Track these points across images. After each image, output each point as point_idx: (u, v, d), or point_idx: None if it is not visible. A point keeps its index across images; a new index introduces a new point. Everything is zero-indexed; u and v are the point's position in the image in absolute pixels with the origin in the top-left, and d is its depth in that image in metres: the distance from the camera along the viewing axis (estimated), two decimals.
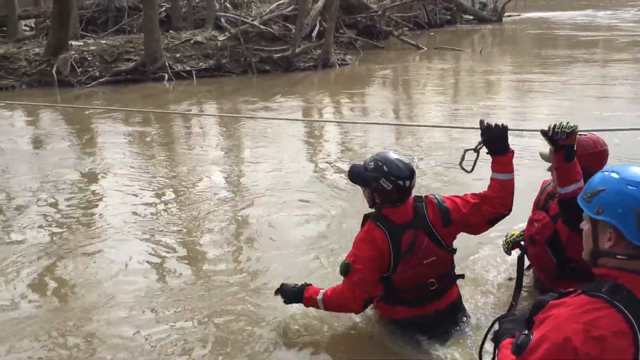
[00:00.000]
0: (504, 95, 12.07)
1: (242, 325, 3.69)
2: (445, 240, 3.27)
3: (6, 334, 3.64)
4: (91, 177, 6.97)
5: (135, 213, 5.61)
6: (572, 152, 2.91)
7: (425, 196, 3.34)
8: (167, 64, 13.91)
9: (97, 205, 5.99)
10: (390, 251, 3.17)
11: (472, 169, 3.23)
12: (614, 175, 1.74)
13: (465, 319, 3.45)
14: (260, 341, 3.53)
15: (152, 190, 6.40)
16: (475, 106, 10.58)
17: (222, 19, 17.40)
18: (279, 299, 3.52)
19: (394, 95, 12.83)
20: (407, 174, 3.17)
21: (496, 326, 2.17)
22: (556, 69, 14.41)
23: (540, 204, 3.48)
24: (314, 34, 16.93)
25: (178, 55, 14.64)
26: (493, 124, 3.12)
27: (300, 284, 3.47)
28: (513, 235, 3.74)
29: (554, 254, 3.36)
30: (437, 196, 3.34)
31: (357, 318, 3.60)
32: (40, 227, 5.34)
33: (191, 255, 4.78)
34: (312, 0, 17.94)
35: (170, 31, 16.70)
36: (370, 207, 3.35)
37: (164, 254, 4.77)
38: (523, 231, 3.64)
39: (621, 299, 1.67)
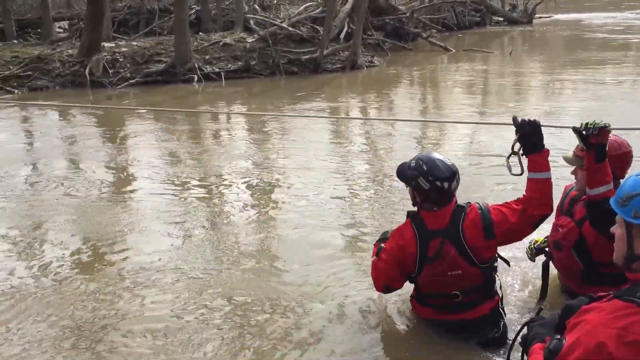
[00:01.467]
0: (534, 97, 11.93)
1: (267, 317, 3.73)
2: (479, 254, 3.15)
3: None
4: (122, 174, 7.13)
5: (165, 204, 5.72)
6: (603, 151, 2.87)
7: (469, 205, 3.24)
8: (196, 66, 14.09)
9: (126, 198, 6.12)
10: (417, 254, 3.19)
11: (522, 171, 3.12)
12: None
13: (498, 330, 3.31)
14: (295, 342, 3.56)
15: (179, 191, 6.50)
16: (504, 107, 10.51)
17: (251, 21, 17.54)
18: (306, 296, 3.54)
19: (422, 96, 12.80)
20: (447, 175, 3.14)
21: (525, 331, 2.15)
22: (587, 71, 14.20)
23: (564, 209, 3.43)
24: (342, 35, 16.96)
25: (207, 57, 14.81)
26: (526, 119, 3.05)
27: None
28: (537, 242, 3.69)
29: (581, 258, 3.32)
30: (482, 206, 3.22)
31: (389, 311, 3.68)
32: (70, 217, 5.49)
33: (221, 255, 4.84)
34: (341, 2, 17.98)
35: (200, 33, 16.92)
36: (413, 205, 3.36)
37: (192, 249, 4.84)
38: (547, 237, 3.59)
39: None
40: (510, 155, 3.11)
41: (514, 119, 3.09)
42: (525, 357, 2.07)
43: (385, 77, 14.85)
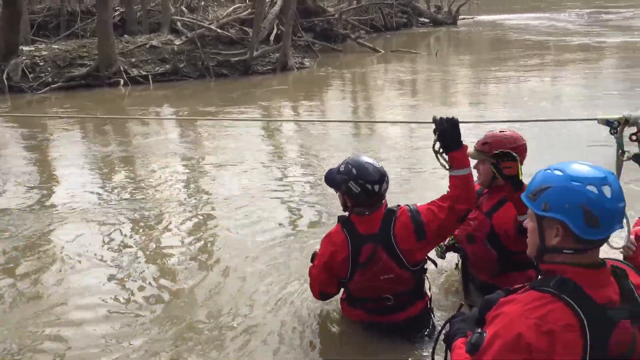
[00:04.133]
0: (460, 94, 12.31)
1: (211, 326, 3.65)
2: (411, 257, 3.17)
3: None
4: (50, 182, 6.79)
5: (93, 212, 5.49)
6: (517, 181, 2.96)
7: (399, 208, 3.25)
8: (122, 69, 13.67)
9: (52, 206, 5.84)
10: (349, 259, 3.18)
11: (451, 166, 3.15)
12: (558, 172, 1.76)
13: (427, 329, 3.37)
14: (229, 342, 3.49)
15: (110, 201, 6.26)
16: (434, 105, 10.78)
17: (178, 23, 17.22)
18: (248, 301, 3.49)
19: (353, 97, 12.93)
20: (376, 178, 3.14)
21: (448, 327, 2.17)
22: (509, 69, 14.78)
23: None
24: (272, 37, 16.92)
25: (133, 59, 14.41)
26: (445, 117, 3.07)
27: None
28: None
29: (494, 248, 3.39)
30: (412, 207, 3.22)
31: (325, 313, 3.65)
32: None
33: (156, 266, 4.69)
34: (269, 4, 17.92)
35: (125, 35, 16.44)
36: (344, 210, 3.34)
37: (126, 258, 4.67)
38: (454, 234, 3.62)
39: (569, 293, 1.69)
40: (436, 154, 3.14)
41: (434, 117, 3.11)
42: (449, 354, 2.08)
43: (316, 78, 14.91)
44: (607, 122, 2.82)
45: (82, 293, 4.14)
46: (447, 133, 3.04)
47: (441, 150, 3.10)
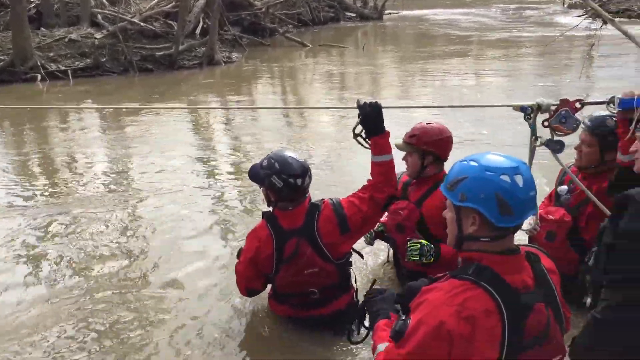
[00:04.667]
0: (388, 87, 12.51)
1: (133, 327, 3.54)
2: (336, 250, 3.18)
3: None
4: None
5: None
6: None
7: (323, 201, 3.25)
8: (39, 64, 13.00)
9: None
10: (273, 254, 3.18)
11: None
12: (473, 163, 1.82)
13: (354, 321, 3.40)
14: (151, 344, 3.39)
15: (28, 197, 5.96)
16: (362, 97, 10.89)
17: (99, 16, 16.52)
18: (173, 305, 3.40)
19: (282, 90, 12.88)
20: (299, 172, 3.13)
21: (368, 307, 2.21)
22: (435, 63, 15.15)
23: (400, 194, 3.54)
24: (198, 31, 16.56)
25: (51, 54, 13.74)
26: (368, 102, 3.10)
27: None
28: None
29: (423, 235, 3.47)
30: (335, 201, 3.23)
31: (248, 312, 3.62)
32: None
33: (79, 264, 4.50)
34: None
35: (42, 28, 15.63)
36: (268, 205, 3.32)
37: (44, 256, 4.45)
38: (383, 222, 3.68)
39: (487, 280, 1.75)
40: (356, 137, 3.16)
41: (358, 102, 3.13)
42: (372, 334, 2.11)
43: (244, 72, 14.74)
44: (522, 109, 2.92)
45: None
46: (370, 117, 3.06)
47: (364, 134, 3.12)
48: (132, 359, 3.28)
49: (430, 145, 3.32)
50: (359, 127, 3.10)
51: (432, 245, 3.31)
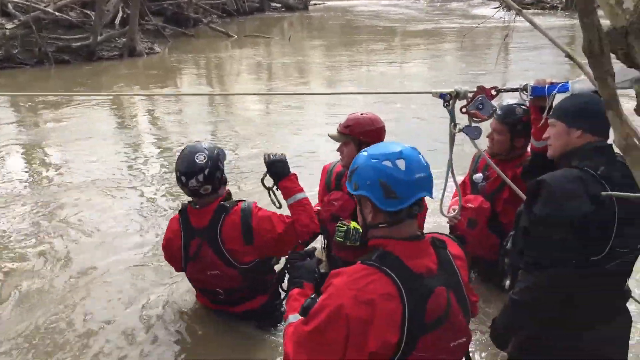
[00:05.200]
0: (314, 77, 12.52)
1: (59, 328, 3.38)
2: (238, 257, 3.10)
3: None
4: None
5: None
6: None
7: (236, 204, 3.16)
8: None
9: None
10: (181, 249, 3.18)
11: (280, 205, 3.25)
12: (364, 153, 1.90)
13: (272, 319, 3.35)
14: (78, 344, 3.26)
15: None
16: (290, 85, 10.89)
17: (9, 5, 15.62)
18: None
19: (209, 82, 12.63)
20: (182, 169, 3.07)
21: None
22: (361, 53, 15.31)
23: (333, 186, 3.56)
24: (117, 21, 15.97)
25: None
26: (276, 157, 3.18)
27: None
28: None
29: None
30: (246, 207, 3.11)
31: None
32: None
33: None
34: None
35: None
36: None
37: None
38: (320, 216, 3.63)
39: (389, 265, 1.80)
40: (269, 190, 3.22)
41: (265, 156, 3.23)
42: (286, 299, 2.17)
43: (168, 63, 14.35)
44: (441, 96, 2.97)
45: None
46: (278, 168, 3.16)
47: (274, 187, 3.21)
48: None
49: (365, 135, 3.32)
50: (269, 180, 3.22)
51: (359, 230, 3.33)
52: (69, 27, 14.76)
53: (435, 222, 4.15)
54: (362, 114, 3.40)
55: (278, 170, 3.16)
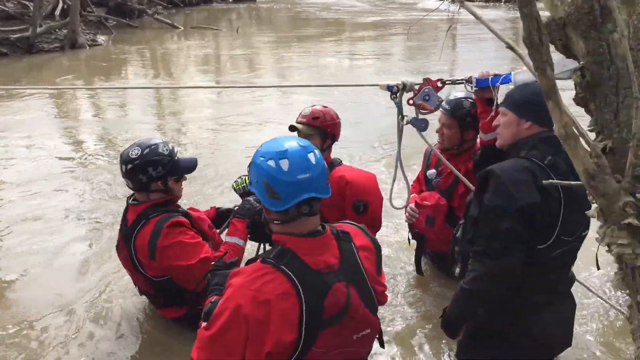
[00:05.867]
0: (264, 69, 12.43)
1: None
2: (145, 269, 2.95)
3: None
4: None
5: None
6: None
7: (159, 214, 2.92)
8: None
9: None
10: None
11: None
12: (259, 149, 1.86)
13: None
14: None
15: None
16: (239, 77, 10.77)
17: None
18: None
19: (155, 74, 12.34)
20: (121, 153, 3.00)
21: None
22: (310, 45, 15.28)
23: None
24: (57, 12, 15.44)
25: None
26: (251, 202, 3.03)
27: None
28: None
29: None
30: (158, 224, 2.86)
31: None
32: None
33: None
34: None
35: None
36: None
37: None
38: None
39: (286, 263, 1.78)
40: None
41: (239, 189, 3.20)
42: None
43: (112, 56, 13.94)
44: (388, 87, 2.98)
45: None
46: (245, 209, 3.03)
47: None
48: None
49: (332, 128, 3.25)
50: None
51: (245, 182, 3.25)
52: (7, 18, 14.20)
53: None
54: (324, 106, 3.32)
55: (244, 211, 3.01)
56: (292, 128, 3.21)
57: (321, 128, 3.20)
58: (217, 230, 3.25)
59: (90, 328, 3.33)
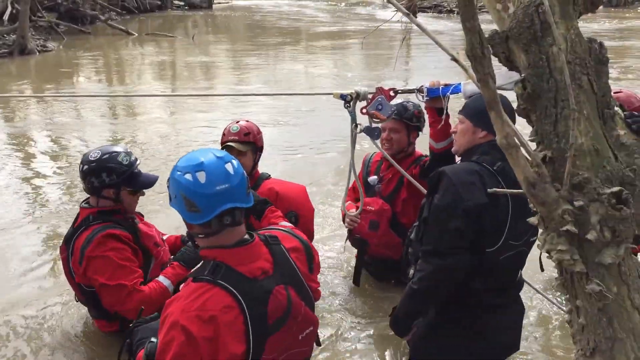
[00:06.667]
0: (220, 77, 12.35)
1: None
2: (76, 275, 2.89)
3: None
4: None
5: None
6: None
7: (96, 224, 2.85)
8: None
9: None
10: None
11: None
12: (177, 163, 1.84)
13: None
14: None
15: None
16: (194, 84, 10.67)
17: None
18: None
19: (109, 81, 12.10)
20: (81, 158, 2.95)
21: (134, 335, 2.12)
22: (267, 53, 15.28)
23: None
24: (6, 17, 15.02)
25: None
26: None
27: None
28: None
29: None
30: (93, 234, 2.79)
31: None
32: None
33: None
34: None
35: None
36: None
37: None
38: None
39: (222, 276, 1.76)
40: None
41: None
42: None
43: (63, 62, 13.62)
44: (341, 97, 3.00)
45: None
46: (187, 256, 2.98)
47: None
48: None
49: (260, 141, 3.29)
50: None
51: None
52: None
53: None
54: (246, 120, 3.33)
55: (187, 260, 2.94)
56: (226, 147, 3.18)
57: (253, 142, 3.22)
58: (166, 249, 3.17)
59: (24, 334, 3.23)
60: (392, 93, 3.05)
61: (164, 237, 3.27)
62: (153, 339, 1.82)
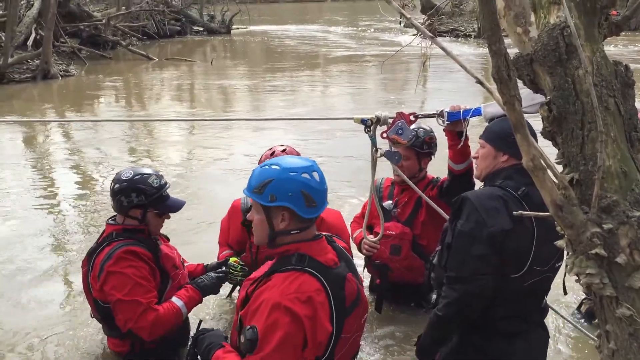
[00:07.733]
0: (238, 101, 12.47)
1: None
2: (93, 290, 2.91)
3: None
4: None
5: None
6: None
7: (116, 241, 2.90)
8: None
9: None
10: None
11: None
12: (275, 167, 2.03)
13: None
14: None
15: None
16: (212, 112, 10.76)
17: None
18: None
19: (128, 105, 12.29)
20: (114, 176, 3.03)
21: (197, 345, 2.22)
22: (284, 78, 15.41)
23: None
24: (30, 42, 15.36)
25: None
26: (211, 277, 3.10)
27: None
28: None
29: None
30: (113, 250, 2.84)
31: None
32: None
33: None
34: (25, 7, 16.29)
35: None
36: None
37: None
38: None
39: (307, 264, 2.00)
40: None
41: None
42: None
43: (85, 86, 13.87)
44: (362, 121, 3.02)
45: None
46: (206, 285, 3.06)
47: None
48: None
49: None
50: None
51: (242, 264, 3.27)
52: None
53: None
54: (283, 150, 3.29)
55: (200, 282, 3.05)
56: None
57: None
58: (185, 273, 3.18)
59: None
60: (412, 118, 3.07)
61: (185, 264, 3.28)
62: (248, 327, 1.95)
